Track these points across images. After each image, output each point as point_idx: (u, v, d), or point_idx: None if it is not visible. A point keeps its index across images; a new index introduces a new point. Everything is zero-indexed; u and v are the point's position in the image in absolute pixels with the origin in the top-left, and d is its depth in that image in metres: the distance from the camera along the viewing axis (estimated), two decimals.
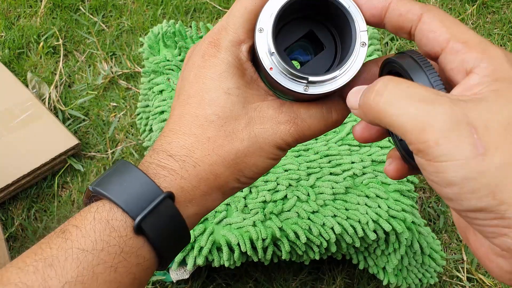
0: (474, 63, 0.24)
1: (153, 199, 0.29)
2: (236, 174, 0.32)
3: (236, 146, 0.32)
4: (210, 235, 0.71)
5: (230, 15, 0.32)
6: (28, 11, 1.21)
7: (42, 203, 0.95)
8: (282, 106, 0.33)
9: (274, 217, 0.73)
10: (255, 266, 0.89)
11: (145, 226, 0.29)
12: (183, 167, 0.31)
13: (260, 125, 0.32)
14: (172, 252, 0.32)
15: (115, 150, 1.01)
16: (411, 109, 0.23)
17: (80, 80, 1.11)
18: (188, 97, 0.33)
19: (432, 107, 0.23)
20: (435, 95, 0.23)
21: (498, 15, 1.23)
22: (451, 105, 0.22)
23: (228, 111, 0.31)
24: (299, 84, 0.30)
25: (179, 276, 0.76)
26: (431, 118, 0.22)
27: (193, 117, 0.32)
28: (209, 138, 0.31)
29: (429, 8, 0.27)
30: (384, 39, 1.18)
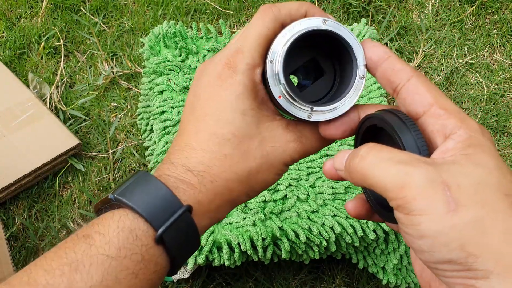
0: (453, 129, 0.27)
1: (174, 211, 0.31)
2: (248, 189, 0.35)
3: (250, 164, 0.34)
4: (211, 234, 0.72)
5: (246, 38, 0.34)
6: (29, 11, 1.22)
7: (43, 202, 0.96)
8: (289, 125, 0.35)
9: (274, 216, 0.74)
10: (255, 266, 0.89)
11: (165, 236, 0.31)
12: (201, 182, 0.33)
13: (271, 144, 0.34)
14: (183, 260, 0.34)
15: (116, 150, 1.01)
16: (392, 170, 0.26)
17: (81, 81, 1.12)
18: (204, 115, 0.34)
19: (410, 168, 0.26)
20: (413, 158, 0.26)
21: (497, 15, 1.24)
22: (427, 167, 0.25)
23: (244, 130, 0.34)
24: (304, 111, 0.33)
25: (179, 275, 0.76)
26: (409, 177, 0.25)
27: (210, 135, 0.34)
28: (225, 155, 0.33)
29: (419, 74, 0.30)
30: (383, 39, 1.19)
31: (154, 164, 0.82)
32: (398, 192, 0.25)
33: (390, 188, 0.26)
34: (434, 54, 1.18)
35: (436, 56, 1.18)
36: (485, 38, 1.20)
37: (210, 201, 0.33)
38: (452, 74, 1.16)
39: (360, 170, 0.28)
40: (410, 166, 0.26)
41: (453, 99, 1.12)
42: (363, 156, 0.28)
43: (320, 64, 0.36)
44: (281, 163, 0.35)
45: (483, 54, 1.19)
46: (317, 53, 0.36)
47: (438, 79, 1.14)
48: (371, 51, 0.32)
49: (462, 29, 1.22)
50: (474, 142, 0.27)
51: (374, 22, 1.21)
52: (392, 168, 0.26)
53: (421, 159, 0.26)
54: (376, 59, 0.32)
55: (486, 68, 1.16)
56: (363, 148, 0.29)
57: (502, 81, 1.14)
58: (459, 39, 1.20)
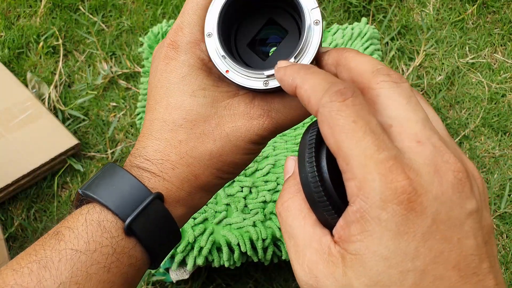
0: (350, 198, 0.22)
1: (142, 200, 0.30)
2: (216, 173, 0.32)
3: (209, 147, 0.31)
4: (210, 235, 0.71)
5: (184, 13, 0.31)
6: (28, 11, 1.21)
7: (41, 203, 0.95)
8: (254, 99, 0.31)
9: (274, 217, 0.73)
10: (255, 267, 0.88)
11: (135, 227, 0.29)
12: (162, 170, 0.31)
13: (231, 123, 0.31)
14: (164, 251, 0.32)
15: (115, 150, 1.01)
16: (289, 253, 0.25)
17: (80, 80, 1.11)
18: (155, 103, 0.32)
19: (296, 266, 0.24)
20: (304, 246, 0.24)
21: (499, 14, 1.23)
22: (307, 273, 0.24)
23: (196, 113, 0.31)
24: (258, 80, 0.29)
25: (179, 276, 0.76)
26: (296, 276, 0.25)
27: (162, 123, 0.32)
28: (180, 141, 0.31)
29: (324, 103, 0.23)
30: (384, 38, 1.18)
31: None
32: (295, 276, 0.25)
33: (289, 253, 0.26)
34: (435, 53, 1.18)
35: (437, 55, 1.17)
36: (486, 38, 1.20)
37: (178, 188, 0.32)
38: (453, 74, 1.15)
39: (279, 216, 0.27)
40: (297, 262, 0.24)
41: (454, 99, 1.11)
42: (279, 219, 0.27)
43: (280, 24, 0.32)
44: (248, 143, 0.31)
45: (485, 54, 1.18)
46: (275, 13, 0.32)
47: (439, 79, 1.14)
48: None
49: (463, 28, 1.21)
50: (365, 229, 0.21)
51: (375, 21, 1.21)
52: (289, 252, 0.25)
53: (311, 247, 0.24)
54: None
55: (487, 68, 1.16)
56: (279, 203, 0.26)
57: (504, 80, 1.14)
58: (460, 39, 1.19)
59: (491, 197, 0.99)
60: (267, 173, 0.78)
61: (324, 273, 0.23)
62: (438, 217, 0.21)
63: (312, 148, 0.24)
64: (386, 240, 0.21)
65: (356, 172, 0.21)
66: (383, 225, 0.20)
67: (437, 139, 0.22)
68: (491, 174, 1.02)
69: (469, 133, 1.07)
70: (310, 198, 0.24)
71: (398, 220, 0.20)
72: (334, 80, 0.24)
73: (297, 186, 0.26)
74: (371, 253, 0.21)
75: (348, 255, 0.22)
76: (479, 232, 0.22)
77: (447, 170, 0.21)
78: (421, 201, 0.20)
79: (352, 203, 0.21)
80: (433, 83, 1.14)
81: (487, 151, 1.05)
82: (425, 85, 1.13)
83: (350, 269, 0.21)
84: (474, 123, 1.08)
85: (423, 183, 0.21)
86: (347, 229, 0.22)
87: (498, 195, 0.99)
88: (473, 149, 1.04)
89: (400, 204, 0.20)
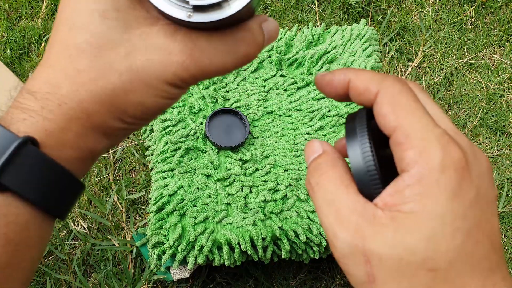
0: (408, 165, 0.24)
1: (7, 148, 0.25)
2: (117, 113, 0.27)
3: (113, 80, 0.26)
4: (211, 234, 0.72)
5: None
6: (30, 12, 1.22)
7: None
8: (176, 33, 0.26)
9: (274, 216, 0.74)
10: (255, 265, 0.89)
11: (7, 179, 0.25)
12: (45, 106, 0.26)
13: (144, 56, 0.26)
14: (61, 200, 0.28)
15: (116, 150, 1.02)
16: (326, 220, 0.26)
17: None
18: (59, 22, 0.27)
19: (337, 229, 0.25)
20: (348, 210, 0.25)
21: (497, 15, 1.24)
22: (353, 234, 0.24)
23: (103, 37, 0.26)
24: (182, 9, 0.24)
25: (179, 275, 0.77)
26: (335, 240, 0.25)
27: (62, 46, 0.26)
28: (79, 71, 0.26)
29: (385, 86, 0.26)
30: (383, 39, 1.19)
31: (154, 164, 0.82)
32: (330, 243, 0.26)
33: (326, 231, 0.26)
34: (434, 54, 1.18)
35: (435, 56, 1.18)
36: (484, 38, 1.20)
37: (64, 128, 0.26)
38: (452, 74, 1.16)
39: (312, 199, 0.27)
40: (339, 225, 0.25)
41: (452, 99, 1.12)
42: (314, 189, 0.27)
43: None
44: (163, 83, 0.26)
45: (483, 54, 1.19)
46: None
47: (438, 79, 1.15)
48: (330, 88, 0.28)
49: (462, 29, 1.22)
50: (423, 190, 0.23)
51: (373, 22, 1.22)
52: (327, 217, 0.26)
53: (356, 211, 0.25)
54: (340, 92, 0.28)
55: (485, 68, 1.16)
56: (315, 176, 0.27)
57: (502, 81, 1.15)
58: (458, 39, 1.20)
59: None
60: (267, 172, 0.79)
61: (372, 232, 0.24)
62: (480, 191, 0.24)
63: (365, 127, 0.26)
64: (442, 200, 0.23)
65: (416, 142, 0.24)
66: (441, 187, 0.23)
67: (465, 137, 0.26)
68: None
69: (468, 133, 1.08)
70: (359, 170, 0.25)
71: (454, 184, 0.23)
72: (385, 74, 0.27)
73: (333, 161, 0.27)
74: (428, 211, 0.23)
75: (400, 214, 0.24)
76: (497, 216, 0.26)
77: (482, 157, 0.25)
78: (470, 172, 0.24)
79: (410, 169, 0.24)
80: (432, 83, 1.14)
81: (486, 151, 1.06)
82: (424, 86, 1.13)
83: (401, 226, 0.23)
84: (473, 123, 1.09)
85: (470, 160, 0.24)
86: (398, 194, 0.24)
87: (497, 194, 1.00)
88: None
89: (456, 171, 0.23)
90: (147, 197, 0.96)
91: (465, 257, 0.23)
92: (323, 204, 0.26)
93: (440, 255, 0.23)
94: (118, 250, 0.89)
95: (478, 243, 0.23)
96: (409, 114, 0.24)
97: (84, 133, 0.27)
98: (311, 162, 0.28)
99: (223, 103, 0.86)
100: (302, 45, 0.93)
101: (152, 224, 0.74)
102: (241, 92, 0.88)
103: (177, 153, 0.80)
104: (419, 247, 0.23)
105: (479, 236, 0.23)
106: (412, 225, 0.23)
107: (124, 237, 0.91)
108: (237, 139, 0.82)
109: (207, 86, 0.88)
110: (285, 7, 1.23)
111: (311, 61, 0.90)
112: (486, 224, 0.24)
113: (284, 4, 1.23)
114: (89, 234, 0.92)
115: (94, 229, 0.93)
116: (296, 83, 0.89)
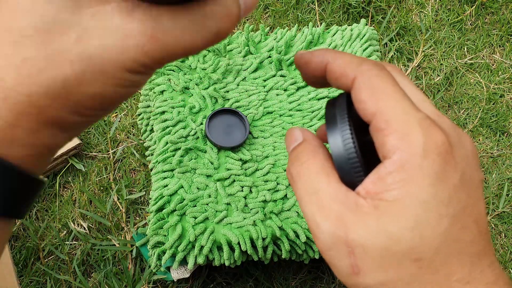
0: (389, 150, 0.23)
1: None
2: (71, 106, 0.24)
3: (64, 71, 0.23)
4: (211, 234, 0.72)
5: None
6: None
7: (43, 202, 0.96)
8: (134, 11, 0.22)
9: (274, 216, 0.74)
10: (255, 265, 0.89)
11: None
12: None
13: (97, 41, 0.22)
14: (12, 200, 0.25)
15: (116, 150, 1.02)
16: (307, 211, 0.25)
17: None
18: (2, 4, 0.24)
19: (319, 219, 0.24)
20: (331, 199, 0.24)
21: (497, 15, 1.24)
22: (335, 224, 0.24)
23: (51, 20, 0.22)
24: None
25: (180, 275, 0.77)
26: (318, 231, 0.24)
27: (5, 31, 0.23)
28: (25, 59, 0.23)
29: (363, 71, 0.25)
30: (383, 39, 1.19)
31: (154, 164, 0.82)
32: (312, 234, 0.25)
33: (307, 222, 0.25)
34: (434, 54, 1.18)
35: (435, 56, 1.18)
36: (484, 38, 1.20)
37: (12, 125, 0.23)
38: (452, 74, 1.16)
39: (293, 189, 0.26)
40: (321, 215, 0.24)
41: (452, 99, 1.12)
42: (294, 179, 0.26)
43: None
44: (120, 70, 0.23)
45: (483, 54, 1.19)
46: None
47: (438, 79, 1.15)
48: (307, 69, 0.27)
49: (462, 29, 1.22)
50: (405, 177, 0.22)
51: (374, 22, 1.22)
52: (308, 207, 0.25)
53: (338, 200, 0.24)
54: (318, 74, 0.27)
55: (485, 68, 1.16)
56: (295, 165, 0.26)
57: (502, 81, 1.15)
58: (458, 39, 1.20)
59: (490, 197, 0.99)
60: (267, 172, 0.79)
61: (354, 221, 0.23)
62: (464, 175, 0.23)
63: (345, 114, 0.25)
64: (426, 185, 0.22)
65: (397, 127, 0.23)
66: (424, 172, 0.22)
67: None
68: (490, 174, 1.02)
69: (468, 133, 1.08)
70: (339, 157, 0.25)
71: (437, 169, 0.22)
72: (364, 58, 0.26)
73: (314, 149, 0.26)
74: (411, 197, 0.22)
75: (383, 203, 0.23)
76: (484, 200, 0.25)
77: (466, 139, 0.25)
78: (454, 156, 0.23)
79: (392, 155, 0.23)
80: (432, 83, 1.14)
81: (486, 151, 1.06)
82: (424, 86, 1.14)
83: (385, 215, 0.23)
84: (473, 123, 1.09)
85: (453, 143, 0.23)
86: (380, 181, 0.23)
87: (497, 194, 1.00)
88: None
89: (439, 155, 0.23)
90: (147, 197, 0.96)
91: (451, 243, 0.23)
92: (304, 194, 0.25)
93: (425, 243, 0.22)
94: (118, 250, 0.89)
95: (465, 228, 0.23)
96: (388, 98, 0.23)
97: (37, 129, 0.24)
98: (292, 151, 0.27)
99: (223, 103, 0.86)
100: (302, 45, 0.93)
101: (152, 224, 0.74)
102: (241, 92, 0.88)
103: (177, 153, 0.80)
104: (404, 235, 0.22)
105: (465, 221, 0.23)
106: (396, 213, 0.22)
107: (124, 237, 0.91)
108: (237, 139, 0.82)
109: (207, 86, 0.88)
110: (285, 7, 1.23)
111: None
112: (472, 208, 0.23)
113: (284, 4, 1.23)
114: (89, 234, 0.92)
115: (94, 229, 0.93)
116: (296, 83, 0.89)
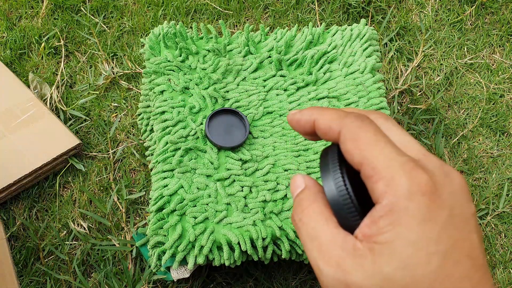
0: (379, 196, 0.24)
1: None
2: None
3: None
4: (211, 234, 0.72)
5: None
6: (30, 12, 1.22)
7: (43, 202, 0.96)
8: None
9: (274, 216, 0.74)
10: (255, 265, 0.89)
11: None
12: None
13: None
14: None
15: (116, 150, 1.02)
16: (310, 255, 0.26)
17: (82, 81, 1.12)
18: None
19: (321, 264, 0.25)
20: (330, 245, 0.25)
21: (497, 15, 1.24)
22: (335, 268, 0.25)
23: None
24: None
25: (179, 275, 0.76)
26: (320, 274, 0.26)
27: None
28: None
29: (346, 124, 0.26)
30: (383, 39, 1.19)
31: (154, 164, 0.82)
32: (317, 277, 0.26)
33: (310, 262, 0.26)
34: (434, 54, 1.18)
35: (435, 56, 1.18)
36: (484, 38, 1.20)
37: None
38: (452, 74, 1.16)
39: (298, 235, 0.27)
40: (322, 260, 0.25)
41: (452, 99, 1.12)
42: (298, 226, 0.28)
43: None
44: None
45: (483, 54, 1.19)
46: None
47: (438, 79, 1.15)
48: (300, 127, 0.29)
49: (462, 29, 1.22)
50: (394, 219, 0.24)
51: (373, 22, 1.22)
52: (311, 253, 0.26)
53: (336, 245, 0.25)
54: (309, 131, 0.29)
55: (485, 68, 1.16)
56: (298, 212, 0.28)
57: (502, 81, 1.15)
58: (458, 39, 1.20)
59: (490, 197, 0.99)
60: (267, 172, 0.79)
61: (352, 265, 0.24)
62: (453, 211, 0.24)
63: (337, 162, 0.27)
64: (413, 226, 0.23)
65: (383, 173, 0.24)
66: (410, 214, 0.23)
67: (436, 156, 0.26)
68: (490, 174, 1.02)
69: (468, 133, 1.08)
70: (335, 203, 0.26)
71: (423, 209, 0.23)
72: (348, 110, 0.28)
73: (314, 195, 0.28)
74: (401, 239, 0.23)
75: (377, 245, 0.24)
76: (479, 231, 0.25)
77: (454, 175, 0.25)
78: (440, 194, 0.24)
79: (381, 200, 0.24)
80: (432, 83, 1.14)
81: (486, 151, 1.06)
82: (424, 86, 1.13)
83: (379, 257, 0.24)
84: (473, 123, 1.09)
85: (439, 181, 0.24)
86: (374, 224, 0.24)
87: (497, 194, 1.00)
88: (472, 149, 1.05)
89: (424, 195, 0.23)
90: (147, 197, 0.96)
91: (444, 280, 0.23)
92: (307, 240, 0.27)
93: (416, 282, 0.23)
94: (118, 250, 0.89)
95: (458, 263, 0.23)
96: (371, 147, 0.25)
97: None
98: (295, 198, 0.29)
99: (223, 103, 0.86)
100: (302, 45, 0.93)
101: (152, 224, 0.74)
102: (241, 92, 0.88)
103: (177, 153, 0.80)
104: (396, 275, 0.23)
105: (457, 256, 0.23)
106: (388, 255, 0.23)
107: (124, 237, 0.91)
108: (237, 139, 0.82)
109: (207, 86, 0.88)
110: (285, 7, 1.23)
111: (311, 61, 0.90)
112: (463, 242, 0.24)
113: (284, 4, 1.23)
114: (89, 234, 0.92)
115: (94, 229, 0.93)
116: (296, 83, 0.89)
